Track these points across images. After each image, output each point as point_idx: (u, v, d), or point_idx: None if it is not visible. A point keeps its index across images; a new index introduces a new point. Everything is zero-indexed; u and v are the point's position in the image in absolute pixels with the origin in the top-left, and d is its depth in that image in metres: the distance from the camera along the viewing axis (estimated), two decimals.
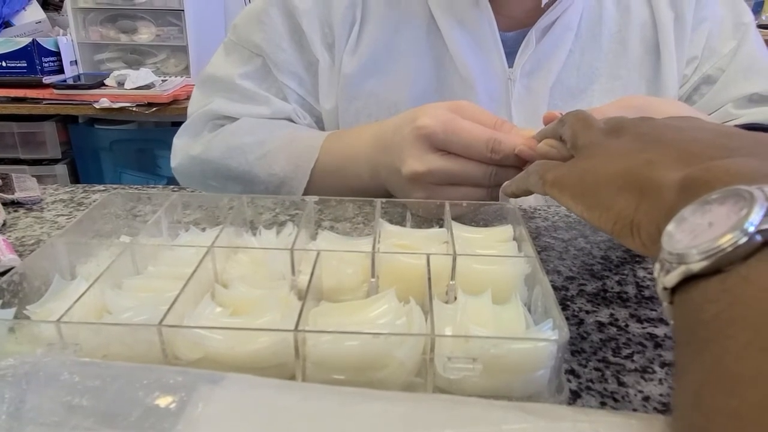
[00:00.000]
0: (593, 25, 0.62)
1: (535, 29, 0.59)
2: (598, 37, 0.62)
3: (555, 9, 0.59)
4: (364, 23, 0.61)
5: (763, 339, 0.16)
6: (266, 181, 0.59)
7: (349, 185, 0.56)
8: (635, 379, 0.32)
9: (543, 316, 0.31)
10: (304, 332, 0.27)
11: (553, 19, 0.59)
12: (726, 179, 0.22)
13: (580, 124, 0.36)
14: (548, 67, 0.60)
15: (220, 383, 0.21)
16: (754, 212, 0.19)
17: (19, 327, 0.28)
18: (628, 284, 0.42)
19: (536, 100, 0.61)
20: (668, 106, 0.46)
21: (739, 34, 0.64)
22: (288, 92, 0.64)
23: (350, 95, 0.62)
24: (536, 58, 0.60)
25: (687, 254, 0.20)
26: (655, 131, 0.31)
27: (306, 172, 0.57)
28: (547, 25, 0.60)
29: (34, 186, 0.58)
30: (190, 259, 0.35)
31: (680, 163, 0.26)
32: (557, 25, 0.60)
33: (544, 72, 0.61)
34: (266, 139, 0.60)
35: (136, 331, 0.28)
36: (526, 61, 0.60)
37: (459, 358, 0.27)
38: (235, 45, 0.65)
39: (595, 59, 0.62)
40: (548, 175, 0.35)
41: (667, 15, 0.62)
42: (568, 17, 0.60)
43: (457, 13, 0.59)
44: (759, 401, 0.15)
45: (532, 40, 0.59)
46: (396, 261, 0.35)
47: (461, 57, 0.59)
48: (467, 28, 0.59)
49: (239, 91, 0.63)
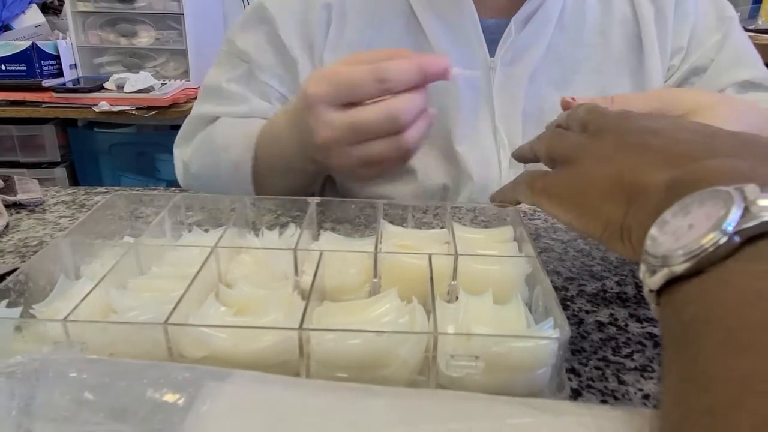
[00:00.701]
0: (576, 18, 0.63)
1: (515, 19, 0.60)
2: (580, 29, 0.63)
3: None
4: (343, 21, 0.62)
5: (737, 339, 0.17)
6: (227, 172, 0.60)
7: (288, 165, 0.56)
8: (635, 378, 0.32)
9: (544, 315, 0.32)
10: (308, 330, 0.27)
11: (535, 8, 0.60)
12: (710, 180, 0.22)
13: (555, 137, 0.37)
14: (528, 57, 0.61)
15: (227, 380, 0.22)
16: (732, 213, 0.19)
17: (25, 326, 0.29)
18: (628, 284, 0.42)
19: (516, 89, 0.62)
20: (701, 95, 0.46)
21: (724, 26, 0.66)
22: (270, 91, 0.65)
23: None
24: (516, 47, 0.61)
25: (670, 256, 0.21)
26: (637, 132, 0.31)
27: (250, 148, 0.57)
28: (529, 14, 0.61)
29: (36, 188, 0.59)
30: (193, 259, 0.35)
31: (666, 165, 0.27)
32: (538, 16, 0.61)
33: (525, 61, 0.61)
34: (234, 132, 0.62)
35: (142, 330, 0.28)
36: (507, 51, 0.61)
37: (462, 356, 0.27)
38: (226, 54, 0.67)
39: (577, 52, 0.63)
40: (536, 183, 0.35)
41: (649, 10, 0.64)
42: (549, 8, 0.61)
43: (437, 5, 0.60)
44: (731, 399, 0.16)
45: (512, 29, 0.60)
46: (398, 261, 0.35)
47: (441, 48, 0.60)
48: (448, 20, 0.60)
49: (225, 95, 0.66)
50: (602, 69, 0.63)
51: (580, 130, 0.35)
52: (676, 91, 0.58)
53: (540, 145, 0.38)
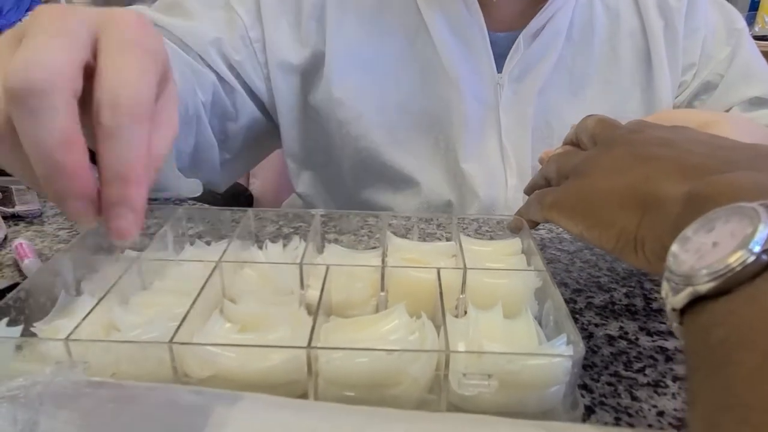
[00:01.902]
0: (585, 31, 0.62)
1: (524, 34, 0.59)
2: (590, 42, 0.62)
3: (545, 12, 0.58)
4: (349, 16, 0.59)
5: None
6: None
7: None
8: (648, 394, 0.31)
9: (554, 330, 0.31)
10: (317, 349, 0.27)
11: (543, 23, 0.59)
12: (730, 194, 0.22)
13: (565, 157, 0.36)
14: (536, 72, 0.60)
15: (238, 404, 0.21)
16: (759, 231, 0.19)
17: (26, 345, 0.28)
18: (636, 296, 0.42)
19: (524, 104, 0.61)
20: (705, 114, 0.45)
21: (733, 39, 0.65)
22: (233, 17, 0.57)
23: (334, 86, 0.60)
24: (525, 63, 0.60)
25: (694, 276, 0.20)
26: (648, 144, 0.31)
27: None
28: (537, 29, 0.60)
29: (35, 199, 0.58)
30: (196, 274, 0.34)
31: (680, 175, 0.26)
32: (547, 30, 0.60)
33: (532, 77, 0.61)
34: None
35: (146, 349, 0.27)
36: (515, 66, 0.60)
37: (474, 375, 0.26)
38: None
39: (587, 65, 0.62)
40: (546, 198, 0.35)
41: (657, 23, 0.63)
42: (558, 22, 0.60)
43: (447, 16, 0.59)
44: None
45: (521, 45, 0.59)
46: (405, 275, 0.35)
47: (449, 58, 0.59)
48: (457, 30, 0.59)
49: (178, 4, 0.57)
50: (612, 81, 0.62)
51: (591, 145, 0.35)
52: (678, 112, 0.58)
53: (550, 165, 0.38)
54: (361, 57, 0.60)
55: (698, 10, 0.64)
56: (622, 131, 0.34)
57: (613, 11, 0.63)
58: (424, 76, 0.61)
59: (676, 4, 0.63)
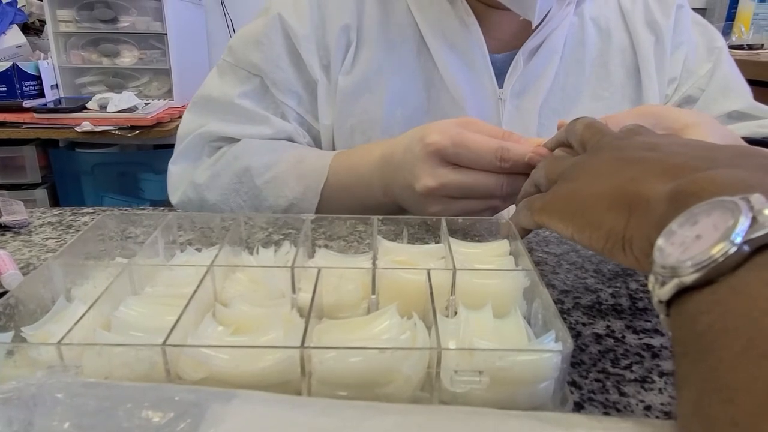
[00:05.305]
0: (576, 49, 0.64)
1: (522, 51, 0.61)
2: (581, 60, 0.64)
3: (541, 31, 0.60)
4: (359, 45, 0.62)
5: (756, 347, 0.17)
6: (274, 205, 0.59)
7: (362, 203, 0.57)
8: (636, 389, 0.32)
9: (543, 328, 0.32)
10: (309, 349, 0.27)
11: (540, 42, 0.61)
12: (713, 190, 0.22)
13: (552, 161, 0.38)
14: (536, 88, 0.62)
15: (233, 401, 0.21)
16: (740, 223, 0.20)
17: (18, 350, 0.28)
18: (622, 296, 0.43)
19: (526, 121, 0.62)
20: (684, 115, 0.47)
21: (713, 56, 0.67)
22: (287, 111, 0.63)
23: (345, 113, 0.63)
24: (525, 79, 0.62)
25: (679, 267, 0.21)
26: (634, 148, 0.32)
27: (316, 192, 0.57)
28: (534, 48, 0.61)
29: (22, 209, 0.57)
30: (187, 279, 0.34)
31: (666, 175, 0.27)
32: (544, 48, 0.61)
33: (533, 93, 0.62)
34: (273, 161, 0.59)
35: (138, 352, 0.27)
36: (515, 82, 0.62)
37: (466, 372, 0.27)
38: (231, 66, 0.64)
39: (579, 81, 0.64)
40: (535, 204, 0.36)
41: (647, 39, 0.64)
42: (554, 40, 0.61)
43: (447, 36, 0.61)
44: (755, 408, 0.16)
45: (520, 62, 0.61)
46: (396, 277, 0.35)
47: (451, 77, 0.60)
48: (457, 50, 0.61)
49: (237, 112, 0.63)
50: (604, 97, 0.64)
51: (580, 150, 0.36)
52: (662, 108, 0.59)
53: (539, 172, 0.39)
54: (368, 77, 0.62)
55: (683, 28, 0.66)
56: (609, 138, 0.35)
57: (603, 29, 0.64)
58: (429, 93, 0.63)
59: (664, 21, 0.65)
